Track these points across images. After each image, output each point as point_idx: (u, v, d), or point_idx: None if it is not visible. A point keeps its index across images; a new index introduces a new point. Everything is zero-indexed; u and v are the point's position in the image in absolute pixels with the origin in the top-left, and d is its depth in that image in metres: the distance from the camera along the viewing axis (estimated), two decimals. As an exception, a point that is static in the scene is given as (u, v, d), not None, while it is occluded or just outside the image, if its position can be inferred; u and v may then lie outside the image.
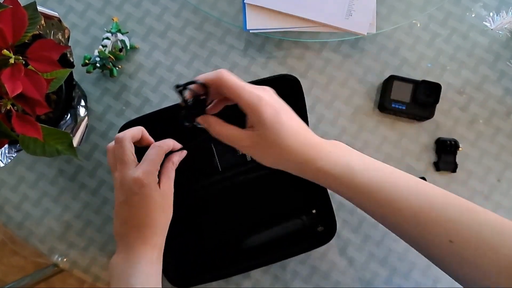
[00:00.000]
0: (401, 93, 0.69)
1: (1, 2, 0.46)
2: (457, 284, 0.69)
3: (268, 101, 0.47)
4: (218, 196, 0.66)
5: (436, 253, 0.48)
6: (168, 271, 0.63)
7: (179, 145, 0.58)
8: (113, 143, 0.55)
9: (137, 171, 0.52)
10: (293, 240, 0.65)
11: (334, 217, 0.65)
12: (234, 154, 0.65)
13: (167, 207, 0.55)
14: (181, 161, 0.58)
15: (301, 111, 0.63)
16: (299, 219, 0.65)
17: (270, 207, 0.67)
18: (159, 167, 0.54)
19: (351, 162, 0.49)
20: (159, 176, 0.54)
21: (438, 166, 0.70)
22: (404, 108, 0.69)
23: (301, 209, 0.66)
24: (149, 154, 0.54)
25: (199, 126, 0.52)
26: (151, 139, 0.57)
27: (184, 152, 0.58)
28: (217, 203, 0.66)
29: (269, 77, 0.63)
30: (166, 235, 0.55)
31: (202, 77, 0.49)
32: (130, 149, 0.53)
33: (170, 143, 0.57)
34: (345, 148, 0.52)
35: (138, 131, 0.56)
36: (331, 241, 0.65)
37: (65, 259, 0.68)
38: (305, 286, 0.68)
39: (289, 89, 0.63)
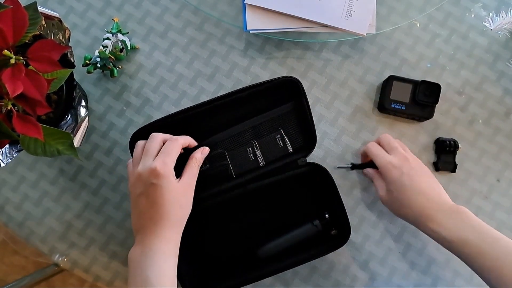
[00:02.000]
0: (401, 93, 0.70)
1: (2, 2, 0.46)
2: (456, 284, 0.69)
3: (396, 164, 0.62)
4: (232, 203, 0.65)
5: None
6: (183, 279, 0.61)
7: (195, 143, 0.59)
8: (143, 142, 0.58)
9: (154, 162, 0.53)
10: (308, 245, 0.64)
11: (348, 219, 0.63)
12: (247, 160, 0.64)
13: (184, 202, 0.55)
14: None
15: (303, 113, 0.63)
16: (312, 224, 0.65)
17: (283, 213, 0.66)
18: (175, 160, 0.55)
19: (466, 235, 0.57)
20: (182, 172, 0.55)
21: (437, 166, 0.70)
22: (403, 108, 0.69)
23: (314, 214, 0.65)
24: (166, 146, 0.56)
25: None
26: (195, 143, 0.60)
27: (207, 150, 0.60)
28: (231, 210, 0.66)
29: (270, 79, 0.63)
30: (182, 230, 0.55)
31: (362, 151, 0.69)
32: (158, 148, 0.55)
33: (187, 138, 0.58)
34: (466, 219, 0.58)
35: (187, 140, 0.59)
36: (330, 241, 0.65)
37: (65, 259, 0.69)
38: (305, 286, 0.68)
39: (291, 91, 0.63)
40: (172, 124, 0.61)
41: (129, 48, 0.71)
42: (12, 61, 0.44)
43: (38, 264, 1.33)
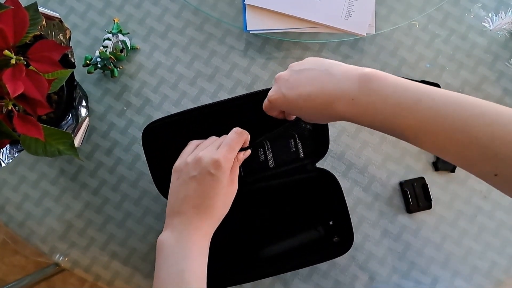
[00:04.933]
0: (400, 93, 0.69)
1: (3, 2, 0.46)
2: (456, 283, 0.69)
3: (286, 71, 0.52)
4: (237, 201, 0.65)
5: (478, 174, 0.42)
6: None
7: (248, 141, 0.58)
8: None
9: (218, 153, 0.52)
10: (309, 250, 0.64)
11: (351, 228, 0.63)
12: (257, 160, 0.64)
13: (229, 200, 0.54)
14: None
15: None
16: (315, 229, 0.65)
17: (288, 215, 0.66)
18: (236, 155, 0.54)
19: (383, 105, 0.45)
20: None
21: (437, 166, 0.70)
22: (403, 108, 0.69)
23: (318, 219, 0.65)
24: (231, 139, 0.54)
25: None
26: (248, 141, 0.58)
27: (248, 152, 0.58)
28: (237, 210, 0.66)
29: None
30: (216, 228, 0.54)
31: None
32: (237, 150, 0.54)
33: (248, 136, 0.56)
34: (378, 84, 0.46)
35: (248, 136, 0.56)
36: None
37: (66, 259, 0.69)
38: (305, 286, 0.68)
39: None
40: (187, 120, 0.61)
41: (129, 48, 0.71)
42: (13, 61, 0.45)
43: (38, 264, 1.33)
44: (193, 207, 0.51)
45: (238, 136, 0.55)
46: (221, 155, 0.52)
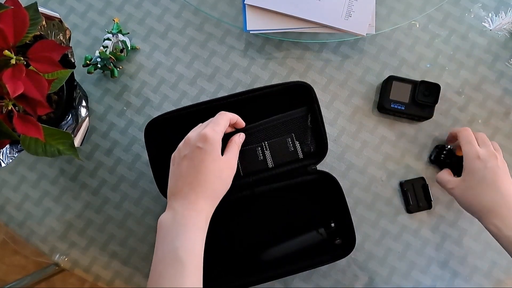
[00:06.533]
0: (400, 93, 0.70)
1: (3, 2, 0.46)
2: (456, 283, 0.69)
3: (483, 157, 0.61)
4: (239, 204, 0.65)
5: None
6: None
7: (242, 122, 0.60)
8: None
9: (204, 129, 0.54)
10: (311, 253, 0.64)
11: (353, 230, 0.63)
12: (256, 160, 0.64)
13: (225, 175, 0.55)
14: None
15: (315, 120, 0.63)
16: (317, 232, 0.65)
17: (289, 218, 0.66)
18: (223, 130, 0.55)
19: None
20: (223, 151, 0.56)
21: (439, 161, 0.70)
22: (403, 108, 0.69)
23: (319, 222, 0.65)
24: (215, 117, 0.56)
25: None
26: (243, 123, 0.61)
27: (243, 135, 0.60)
28: (238, 212, 0.66)
29: (283, 82, 0.62)
30: (215, 206, 0.55)
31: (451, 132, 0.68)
32: (224, 126, 0.56)
33: (235, 115, 0.59)
34: None
35: (235, 116, 0.59)
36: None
37: (66, 259, 0.69)
38: (305, 286, 0.68)
39: (303, 96, 0.62)
40: (186, 116, 0.61)
41: (129, 48, 0.71)
42: (13, 61, 0.45)
43: (38, 264, 1.33)
44: (187, 184, 0.53)
45: (222, 114, 0.57)
46: (207, 129, 0.54)
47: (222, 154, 0.56)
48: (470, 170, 0.62)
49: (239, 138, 0.60)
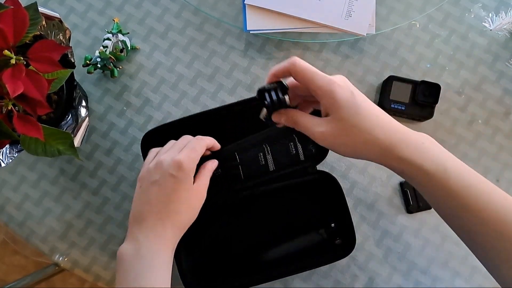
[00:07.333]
0: (401, 93, 0.70)
1: (3, 2, 0.46)
2: (456, 284, 0.69)
3: (341, 83, 0.45)
4: (239, 205, 0.65)
5: (494, 261, 0.47)
6: (185, 276, 0.61)
7: (218, 146, 0.57)
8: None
9: (179, 155, 0.50)
10: (311, 253, 0.64)
11: (353, 230, 0.63)
12: (257, 164, 0.64)
13: (196, 205, 0.52)
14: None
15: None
16: (317, 232, 0.65)
17: (289, 218, 0.66)
18: (199, 158, 0.52)
19: (447, 162, 0.46)
20: (194, 177, 0.52)
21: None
22: (403, 108, 0.69)
23: (319, 222, 0.65)
24: (192, 142, 0.53)
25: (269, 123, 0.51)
26: (218, 146, 0.58)
27: (216, 162, 0.57)
28: (238, 212, 0.66)
29: None
30: (180, 238, 0.51)
31: (276, 69, 0.48)
32: (201, 152, 0.53)
33: (212, 140, 0.56)
34: (438, 144, 0.48)
35: (212, 140, 0.56)
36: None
37: (66, 259, 0.69)
38: (305, 286, 0.68)
39: None
40: (187, 125, 0.61)
41: (129, 48, 0.71)
42: (13, 61, 0.45)
43: (38, 264, 1.33)
44: (155, 213, 0.49)
45: (199, 140, 0.54)
46: (182, 155, 0.50)
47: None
48: (340, 105, 0.45)
49: (212, 164, 0.56)
